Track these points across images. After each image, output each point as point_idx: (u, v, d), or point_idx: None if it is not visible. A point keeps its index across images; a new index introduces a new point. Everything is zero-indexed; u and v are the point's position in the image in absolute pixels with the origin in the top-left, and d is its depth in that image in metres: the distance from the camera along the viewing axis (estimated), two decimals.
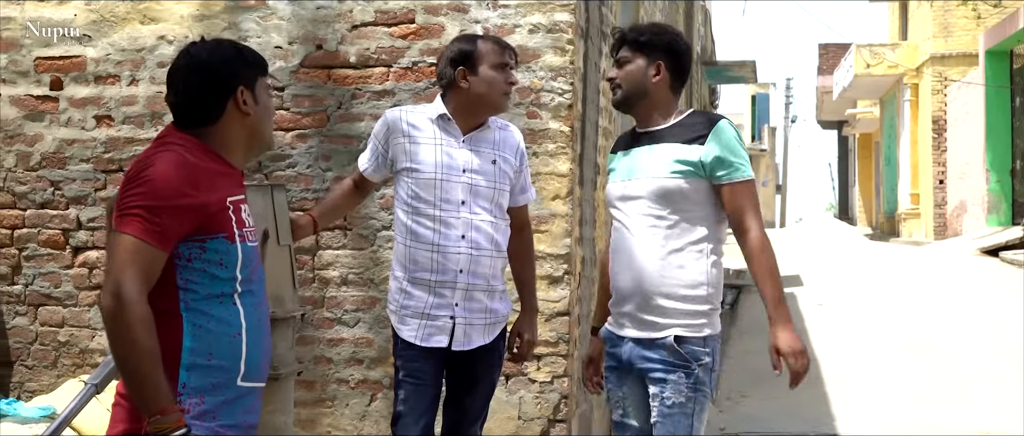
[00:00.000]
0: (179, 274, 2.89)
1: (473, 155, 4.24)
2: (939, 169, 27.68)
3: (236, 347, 2.95)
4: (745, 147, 3.96)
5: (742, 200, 3.86)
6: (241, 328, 2.97)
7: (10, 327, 6.20)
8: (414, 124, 4.28)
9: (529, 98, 5.71)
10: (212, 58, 3.05)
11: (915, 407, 8.70)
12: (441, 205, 4.18)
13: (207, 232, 2.91)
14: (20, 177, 6.19)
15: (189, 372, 2.87)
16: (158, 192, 2.82)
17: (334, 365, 5.88)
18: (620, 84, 4.02)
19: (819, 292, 15.63)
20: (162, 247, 2.82)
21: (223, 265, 2.94)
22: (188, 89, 3.02)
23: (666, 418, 3.81)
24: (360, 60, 5.88)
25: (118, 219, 2.83)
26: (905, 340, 11.40)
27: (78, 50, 6.14)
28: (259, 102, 3.11)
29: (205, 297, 2.92)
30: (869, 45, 31.08)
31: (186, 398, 2.85)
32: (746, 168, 3.87)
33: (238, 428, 2.97)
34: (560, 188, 5.69)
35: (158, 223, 2.81)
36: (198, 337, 2.89)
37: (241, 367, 2.96)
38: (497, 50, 4.27)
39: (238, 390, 2.96)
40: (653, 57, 3.98)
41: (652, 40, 4.00)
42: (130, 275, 2.76)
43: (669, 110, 4.00)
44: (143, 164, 2.89)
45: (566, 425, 5.68)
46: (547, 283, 5.61)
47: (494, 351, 4.34)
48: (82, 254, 6.15)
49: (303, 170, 5.92)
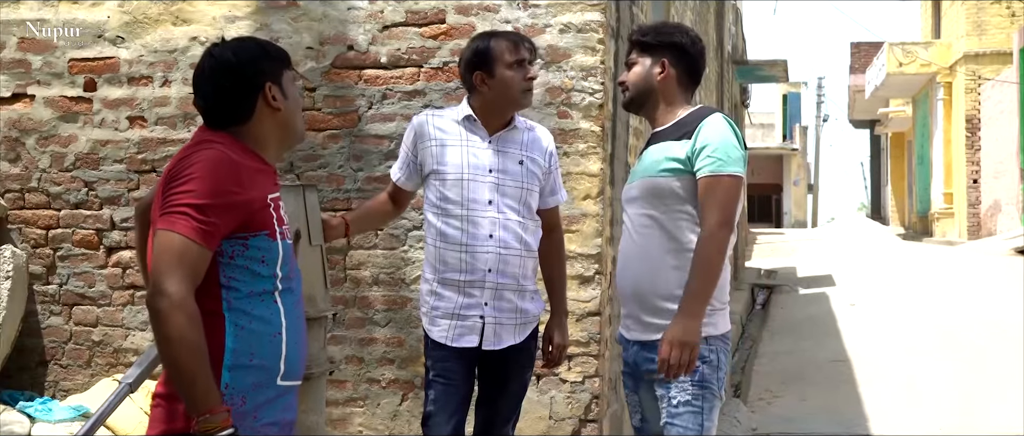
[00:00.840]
0: (222, 272, 2.89)
1: (500, 155, 4.23)
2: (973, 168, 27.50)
3: (277, 346, 2.96)
4: (740, 142, 3.79)
5: (708, 194, 3.69)
6: (281, 327, 2.97)
7: (45, 326, 6.25)
8: (441, 127, 4.28)
9: (560, 98, 5.71)
10: (236, 57, 3.04)
11: (948, 408, 8.64)
12: (468, 205, 4.18)
13: (250, 229, 2.91)
14: (54, 178, 6.24)
15: (231, 372, 2.87)
16: (205, 190, 2.81)
17: (365, 365, 5.90)
18: (628, 87, 3.98)
19: (851, 292, 15.58)
20: (209, 246, 2.82)
21: (265, 262, 2.94)
22: (216, 91, 3.02)
23: (675, 418, 3.76)
24: (391, 60, 5.89)
25: (163, 218, 2.81)
26: (938, 340, 11.33)
27: (111, 51, 6.18)
28: (287, 96, 3.10)
29: (247, 295, 2.91)
30: (902, 43, 30.94)
31: (228, 398, 2.85)
32: (726, 163, 3.70)
33: (278, 426, 2.98)
34: (591, 188, 5.68)
35: (206, 222, 2.80)
36: (240, 337, 2.89)
37: (281, 366, 2.96)
38: (511, 47, 4.23)
39: (278, 389, 2.97)
40: (657, 55, 3.92)
41: (655, 39, 3.94)
42: (178, 275, 2.75)
43: (677, 108, 3.91)
44: (186, 162, 2.88)
45: (597, 425, 5.67)
46: (578, 283, 5.60)
47: (525, 351, 4.33)
48: (116, 254, 6.19)
49: (334, 170, 5.94)
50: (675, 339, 3.64)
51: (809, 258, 23.23)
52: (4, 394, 5.98)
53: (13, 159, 6.28)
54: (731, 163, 3.70)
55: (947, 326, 12.09)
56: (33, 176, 6.26)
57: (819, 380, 9.80)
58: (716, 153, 3.70)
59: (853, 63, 44.84)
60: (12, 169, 6.28)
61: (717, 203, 3.68)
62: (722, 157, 3.70)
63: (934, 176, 31.08)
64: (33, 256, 6.24)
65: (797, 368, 10.34)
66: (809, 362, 10.63)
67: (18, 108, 6.28)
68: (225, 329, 2.88)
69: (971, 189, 27.44)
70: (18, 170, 6.28)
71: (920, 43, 31.51)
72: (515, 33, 4.40)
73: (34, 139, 6.26)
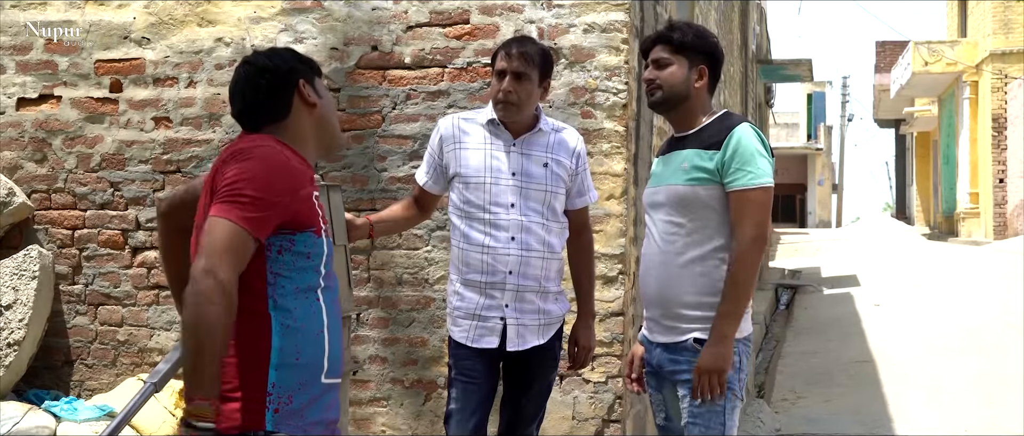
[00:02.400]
0: (269, 267, 2.92)
1: (523, 158, 4.24)
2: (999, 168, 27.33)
3: (321, 344, 2.98)
4: (768, 151, 3.79)
5: (741, 207, 3.71)
6: (324, 325, 3.00)
7: (70, 326, 6.29)
8: (465, 130, 4.30)
9: (584, 98, 5.71)
10: (270, 60, 3.10)
11: (973, 408, 8.60)
12: (490, 208, 4.19)
13: (297, 225, 2.94)
14: (80, 178, 6.28)
15: (278, 372, 2.89)
16: (261, 182, 2.85)
17: (389, 365, 5.91)
18: (661, 86, 3.89)
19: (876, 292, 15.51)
20: (259, 235, 2.85)
21: (310, 258, 2.97)
22: (254, 91, 3.06)
23: (697, 418, 3.77)
24: (415, 61, 5.90)
25: (217, 205, 2.84)
26: (963, 341, 11.27)
27: (137, 53, 6.22)
28: (321, 96, 3.15)
29: (293, 292, 2.94)
30: (927, 42, 30.77)
31: (276, 397, 2.88)
32: (755, 175, 3.71)
33: (323, 425, 2.99)
34: (614, 188, 5.68)
35: (259, 212, 2.84)
36: (286, 336, 2.91)
37: (325, 364, 2.99)
38: (501, 54, 4.23)
39: (322, 387, 2.99)
40: (695, 61, 3.88)
41: (695, 43, 3.89)
42: (227, 260, 2.77)
43: (702, 114, 3.90)
44: (242, 155, 2.91)
45: (620, 426, 5.67)
46: (601, 283, 5.60)
47: (549, 352, 4.34)
48: (141, 254, 6.23)
49: (358, 171, 5.96)
50: (708, 367, 3.69)
51: (833, 258, 23.14)
52: (30, 393, 6.02)
53: (40, 160, 6.32)
54: (761, 175, 3.72)
55: (972, 326, 12.02)
56: (59, 177, 6.30)
57: (843, 381, 9.76)
58: (747, 166, 3.71)
59: (878, 62, 44.65)
60: (39, 170, 6.32)
61: (750, 218, 3.70)
62: (753, 170, 3.71)
63: (960, 176, 30.90)
64: (59, 256, 6.28)
65: (821, 368, 10.31)
66: (833, 362, 10.59)
67: (45, 109, 6.33)
68: (271, 328, 2.90)
69: (997, 189, 27.27)
70: (45, 171, 6.32)
71: (946, 42, 31.33)
72: (515, 39, 4.32)
73: (60, 140, 6.30)
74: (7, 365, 5.86)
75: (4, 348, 5.88)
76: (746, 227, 3.70)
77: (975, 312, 12.94)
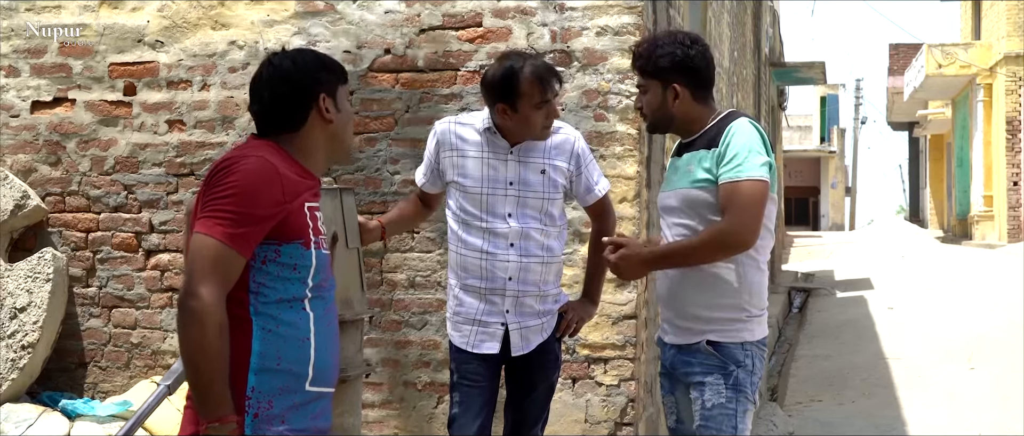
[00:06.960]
0: (252, 277, 2.92)
1: (520, 166, 4.21)
2: (1013, 171, 27.21)
3: (305, 351, 2.97)
4: (765, 145, 3.74)
5: (727, 197, 3.66)
6: (310, 333, 2.98)
7: (84, 329, 6.31)
8: (462, 136, 4.27)
9: (596, 101, 5.71)
10: (295, 66, 3.07)
11: (986, 412, 8.57)
12: (486, 218, 4.19)
13: (284, 237, 2.93)
14: (94, 181, 6.30)
15: (257, 376, 2.89)
16: (245, 198, 2.85)
17: (402, 367, 5.91)
18: (645, 113, 3.93)
19: (889, 296, 15.46)
20: (244, 252, 2.85)
21: (296, 270, 2.96)
22: (273, 97, 3.05)
23: (708, 420, 3.77)
24: (428, 64, 5.91)
25: (202, 221, 2.85)
26: (977, 345, 11.22)
27: (151, 56, 6.23)
28: (341, 109, 3.13)
29: (276, 301, 2.93)
30: (941, 45, 30.65)
31: (255, 401, 2.88)
32: (746, 168, 3.65)
33: (307, 433, 2.99)
34: (627, 191, 5.67)
35: (244, 229, 2.84)
36: (267, 341, 2.91)
37: (309, 372, 2.97)
38: (538, 88, 4.11)
39: (307, 395, 2.97)
40: (667, 80, 3.82)
41: (659, 64, 3.82)
42: (211, 280, 2.78)
43: (702, 120, 3.86)
44: (229, 169, 2.90)
45: (633, 428, 5.67)
46: (614, 286, 5.59)
47: (550, 353, 4.35)
48: (154, 257, 6.24)
49: (371, 173, 5.96)
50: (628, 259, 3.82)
51: (847, 261, 23.09)
52: (44, 395, 6.04)
53: (54, 162, 6.34)
54: (749, 167, 3.66)
55: (986, 330, 11.97)
56: (73, 179, 6.32)
57: (856, 384, 9.74)
58: (737, 158, 3.67)
59: (892, 65, 44.50)
60: (53, 172, 6.34)
61: (736, 206, 3.64)
62: (742, 162, 3.66)
63: (974, 178, 30.78)
64: (73, 259, 6.30)
65: (834, 372, 10.29)
66: (846, 366, 10.57)
67: (59, 112, 6.35)
68: (252, 333, 2.90)
69: (1011, 191, 27.15)
70: (59, 173, 6.34)
71: (960, 44, 31.20)
72: (544, 65, 4.19)
73: (74, 143, 6.32)
74: (21, 367, 5.88)
75: (18, 350, 5.90)
76: (733, 214, 3.64)
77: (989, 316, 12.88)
